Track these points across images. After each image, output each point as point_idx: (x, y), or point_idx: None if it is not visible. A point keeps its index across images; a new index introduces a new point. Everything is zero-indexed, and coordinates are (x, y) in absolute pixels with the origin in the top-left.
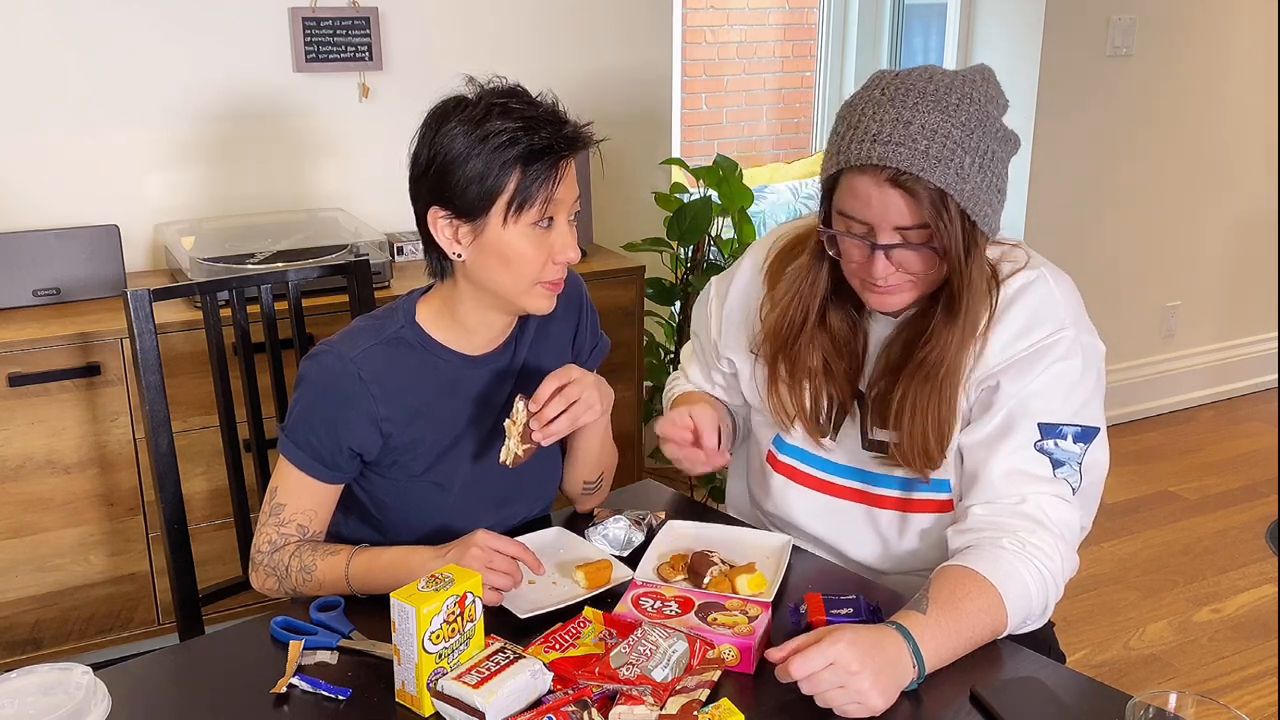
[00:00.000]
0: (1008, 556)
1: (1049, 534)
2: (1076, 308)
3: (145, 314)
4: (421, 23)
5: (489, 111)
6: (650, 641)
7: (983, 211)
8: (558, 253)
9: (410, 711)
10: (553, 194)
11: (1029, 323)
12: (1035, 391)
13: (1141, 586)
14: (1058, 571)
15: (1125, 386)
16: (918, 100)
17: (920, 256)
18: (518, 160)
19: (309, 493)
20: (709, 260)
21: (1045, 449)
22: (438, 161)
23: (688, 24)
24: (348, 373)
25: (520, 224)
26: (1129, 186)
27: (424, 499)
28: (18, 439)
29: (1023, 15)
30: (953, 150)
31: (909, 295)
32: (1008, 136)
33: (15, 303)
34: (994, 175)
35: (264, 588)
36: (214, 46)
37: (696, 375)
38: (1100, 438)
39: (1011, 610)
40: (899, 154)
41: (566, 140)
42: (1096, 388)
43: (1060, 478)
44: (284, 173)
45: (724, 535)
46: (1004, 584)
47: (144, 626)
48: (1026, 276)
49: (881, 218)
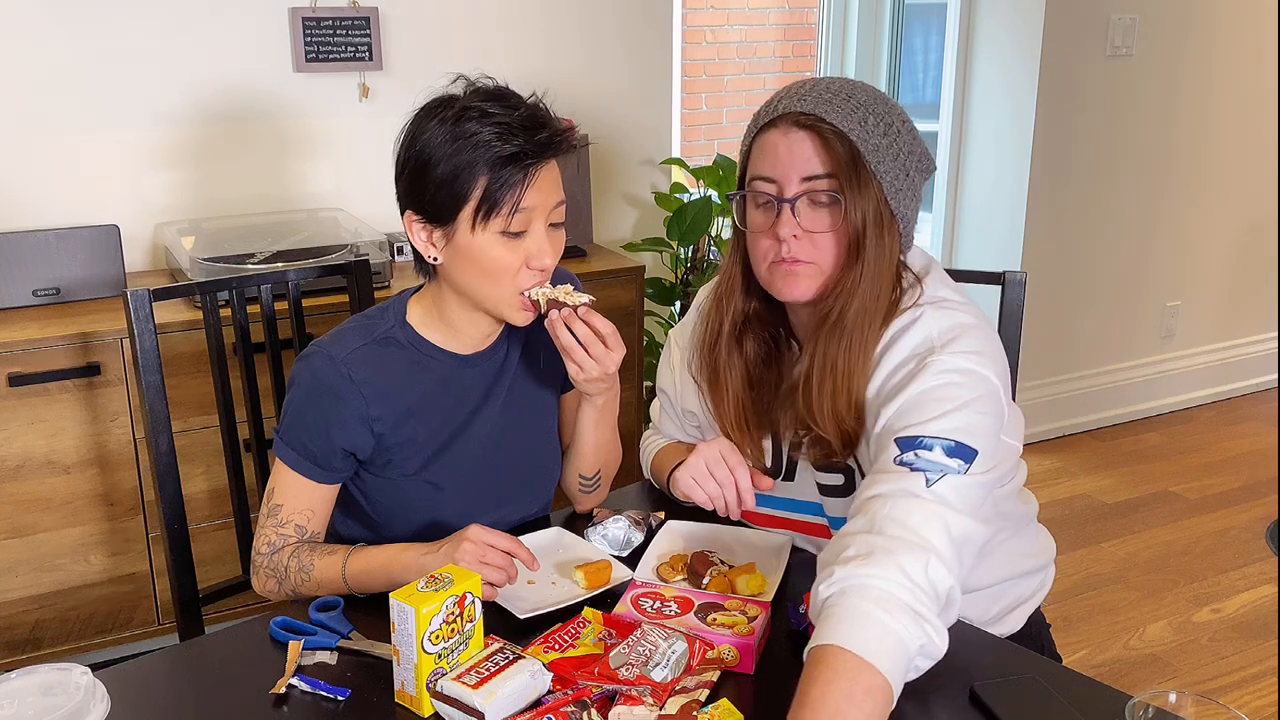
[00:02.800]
0: (869, 609)
1: (907, 551)
2: (959, 335)
3: (145, 314)
4: (421, 23)
5: (464, 114)
6: (650, 642)
7: (891, 184)
8: (532, 258)
9: (410, 712)
10: (520, 200)
11: (906, 357)
12: (896, 414)
13: (1141, 586)
14: (921, 593)
15: (1125, 386)
16: (831, 80)
17: (827, 214)
18: (485, 166)
19: (305, 493)
20: (709, 260)
21: (905, 461)
22: (412, 164)
23: (688, 24)
24: (338, 373)
25: (489, 230)
26: (1129, 186)
27: (419, 498)
28: (18, 439)
29: (1023, 15)
30: (856, 106)
31: (814, 280)
32: (919, 151)
33: (15, 303)
34: (899, 152)
35: (265, 590)
36: (214, 46)
37: (673, 430)
38: (983, 457)
39: (891, 674)
40: (804, 101)
41: (538, 146)
42: (977, 409)
43: (916, 473)
44: (284, 173)
45: (724, 535)
46: (875, 651)
47: (144, 626)
48: (912, 315)
49: (788, 165)
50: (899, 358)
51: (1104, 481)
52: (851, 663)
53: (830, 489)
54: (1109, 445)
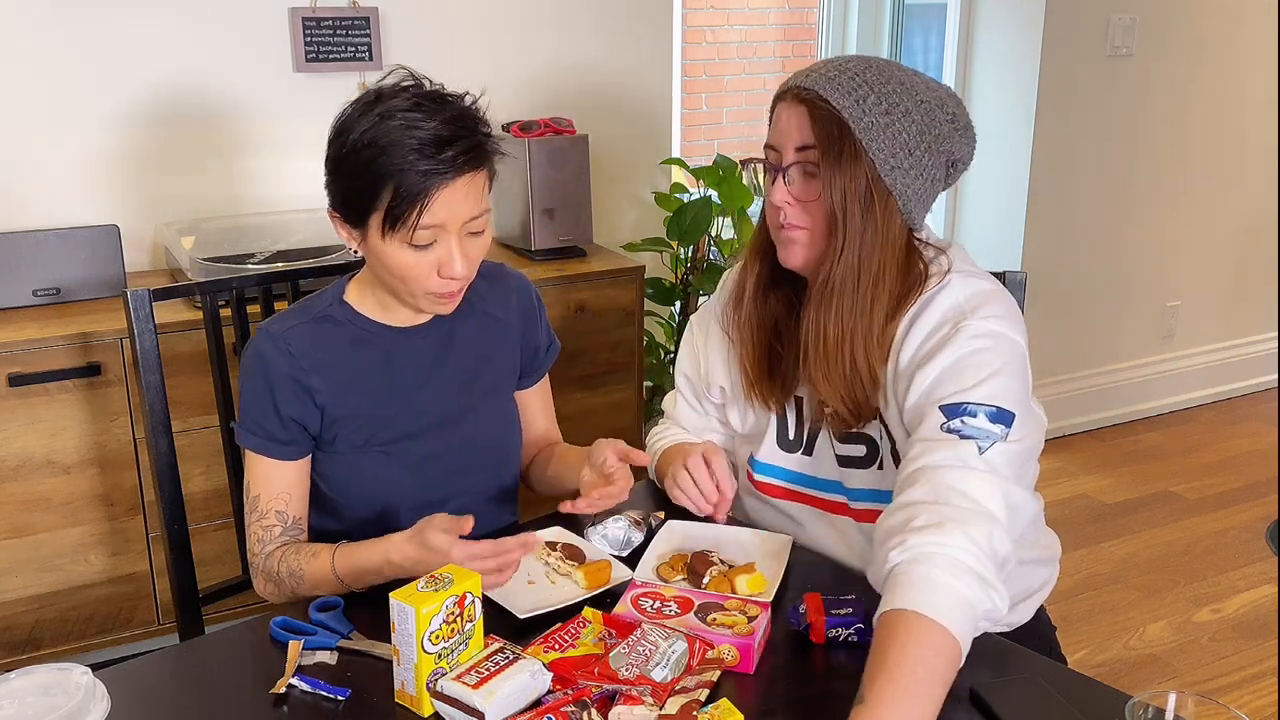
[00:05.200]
0: (939, 576)
1: (973, 520)
2: (985, 301)
3: (145, 314)
4: (421, 23)
5: (382, 120)
6: (650, 642)
7: (886, 161)
8: (443, 267)
9: (410, 712)
10: (421, 219)
11: (938, 323)
12: (936, 380)
13: (1141, 586)
14: (987, 560)
15: (1125, 386)
16: (865, 58)
17: (807, 185)
18: (393, 178)
19: (275, 476)
20: (709, 260)
21: (953, 428)
22: (332, 161)
23: (688, 24)
24: (276, 348)
25: (395, 240)
26: (1129, 186)
27: (373, 471)
28: (18, 439)
29: (1023, 15)
30: (858, 85)
31: (807, 247)
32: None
33: (15, 303)
34: (907, 136)
35: (265, 593)
36: (214, 46)
37: (690, 418)
38: (1020, 421)
39: (962, 635)
40: (811, 78)
41: (446, 163)
42: (1010, 373)
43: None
44: (284, 172)
45: (724, 535)
46: (946, 614)
47: (144, 626)
48: (940, 282)
49: (785, 136)
50: (930, 323)
51: (1104, 481)
52: (925, 625)
53: (851, 460)
54: (1109, 445)
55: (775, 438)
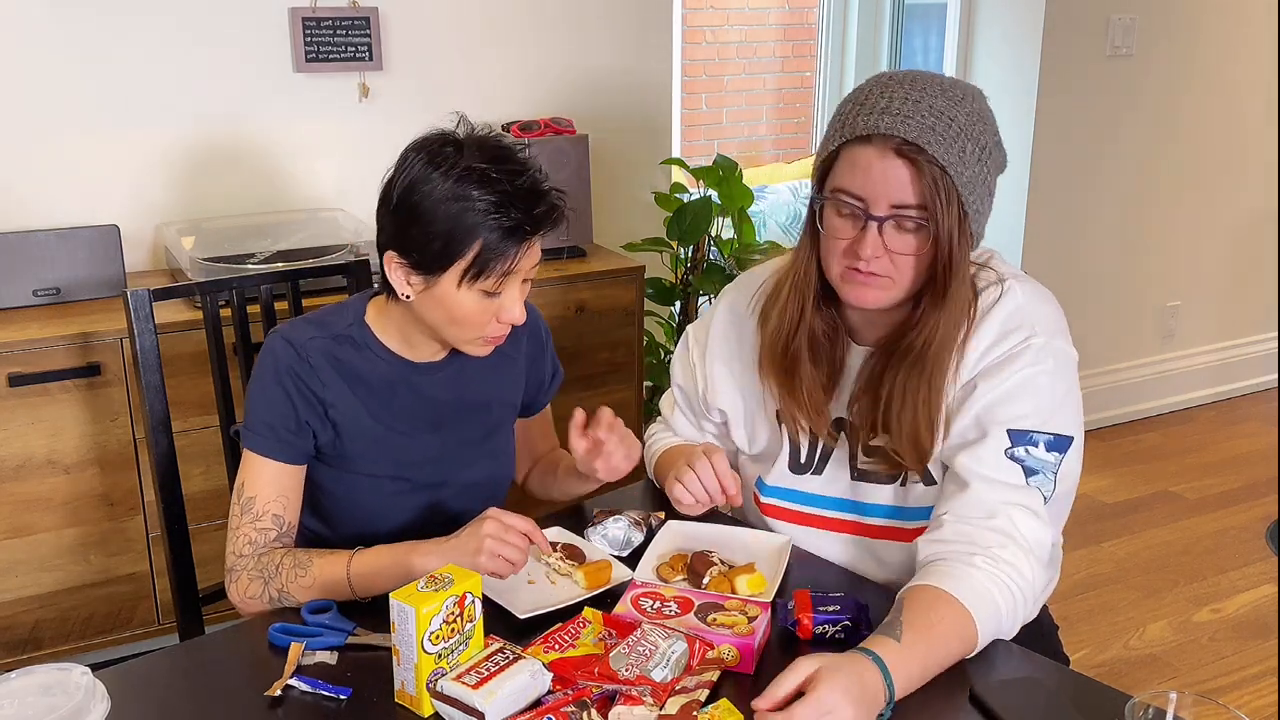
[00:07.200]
0: (979, 576)
1: (1019, 550)
2: (1046, 315)
3: (145, 314)
4: (421, 23)
5: (467, 175)
6: (650, 642)
7: (975, 207)
8: (503, 313)
9: (410, 712)
10: (510, 269)
11: (1001, 332)
12: (1004, 396)
13: (1141, 586)
14: (1028, 589)
15: (1125, 386)
16: (926, 85)
17: (912, 239)
18: (484, 232)
19: (276, 479)
20: (709, 260)
21: (1017, 456)
22: (405, 208)
23: (688, 24)
24: (296, 356)
25: (474, 289)
26: (1129, 186)
27: (368, 496)
28: (18, 439)
29: (1023, 15)
30: (956, 133)
31: (887, 292)
32: (1000, 149)
33: (15, 303)
34: (987, 174)
35: (246, 594)
36: (214, 47)
37: (685, 427)
38: (1075, 447)
39: (982, 632)
40: (907, 125)
41: (535, 221)
42: (1068, 395)
43: (1033, 486)
44: (284, 173)
45: (723, 535)
46: (976, 606)
47: (144, 626)
48: (999, 289)
49: (881, 190)
50: (993, 332)
51: (1104, 481)
52: (957, 607)
53: (869, 474)
54: (1109, 445)
55: (787, 461)
